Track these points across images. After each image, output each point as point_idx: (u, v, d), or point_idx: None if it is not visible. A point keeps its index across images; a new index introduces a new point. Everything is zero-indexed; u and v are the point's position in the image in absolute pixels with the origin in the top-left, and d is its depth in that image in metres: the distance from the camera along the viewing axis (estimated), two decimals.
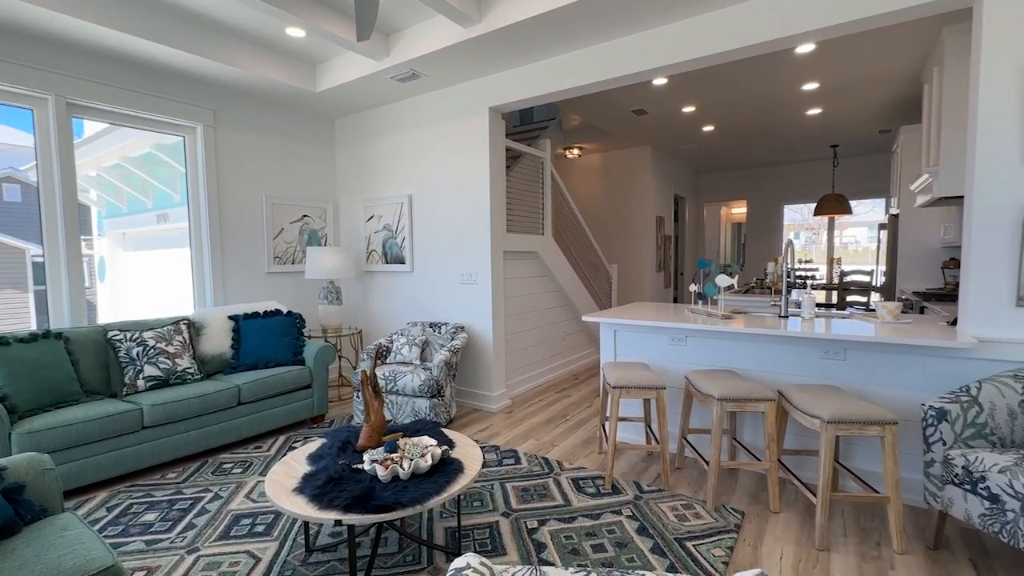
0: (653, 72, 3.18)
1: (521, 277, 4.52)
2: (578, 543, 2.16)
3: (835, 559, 2.06)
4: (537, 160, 4.88)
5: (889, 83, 4.51)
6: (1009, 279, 2.24)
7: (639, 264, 7.15)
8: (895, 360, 2.49)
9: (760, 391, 2.42)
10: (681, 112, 5.33)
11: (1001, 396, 2.08)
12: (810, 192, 8.16)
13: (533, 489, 2.65)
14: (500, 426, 3.67)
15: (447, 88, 4.08)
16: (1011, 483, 1.77)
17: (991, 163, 2.26)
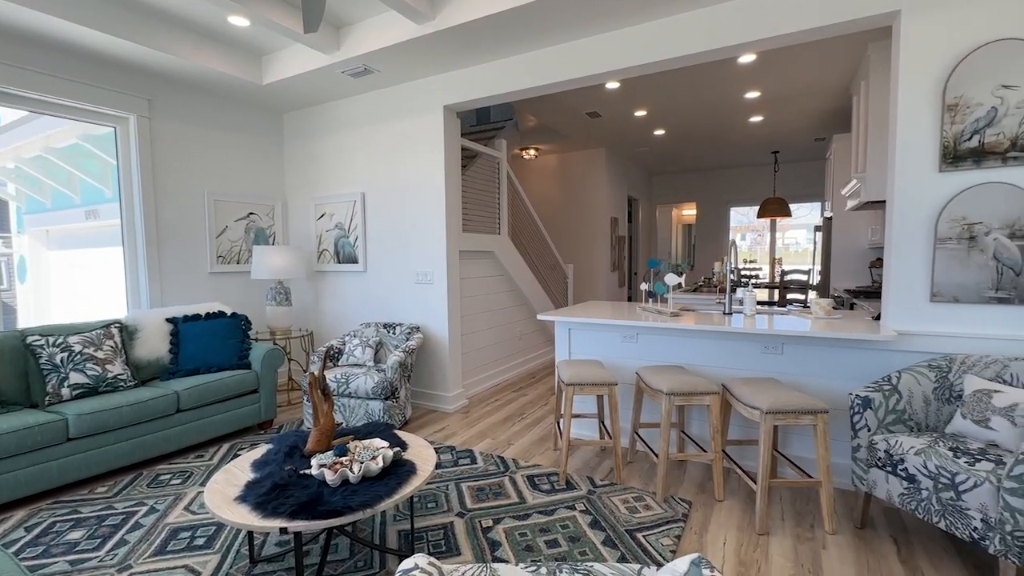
0: (605, 76, 3.25)
1: (477, 277, 4.51)
2: (532, 539, 2.18)
3: (773, 542, 2.17)
4: (493, 160, 4.89)
5: (823, 94, 4.81)
6: (924, 277, 2.44)
7: (594, 264, 7.29)
8: (827, 353, 2.66)
9: (705, 385, 2.52)
10: (633, 116, 5.48)
11: (918, 384, 2.26)
12: (754, 195, 8.57)
13: (488, 488, 2.65)
14: (456, 426, 3.65)
15: (401, 85, 4.02)
16: (925, 464, 1.93)
17: (908, 170, 2.45)
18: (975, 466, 1.81)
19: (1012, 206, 2.25)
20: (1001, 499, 1.70)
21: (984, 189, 2.29)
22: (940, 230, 2.38)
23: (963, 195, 2.33)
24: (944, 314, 2.41)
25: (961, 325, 2.38)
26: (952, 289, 2.38)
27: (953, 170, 2.35)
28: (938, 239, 2.39)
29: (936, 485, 1.89)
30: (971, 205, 2.32)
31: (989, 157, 2.28)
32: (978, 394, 2.07)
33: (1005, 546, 1.70)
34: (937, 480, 1.88)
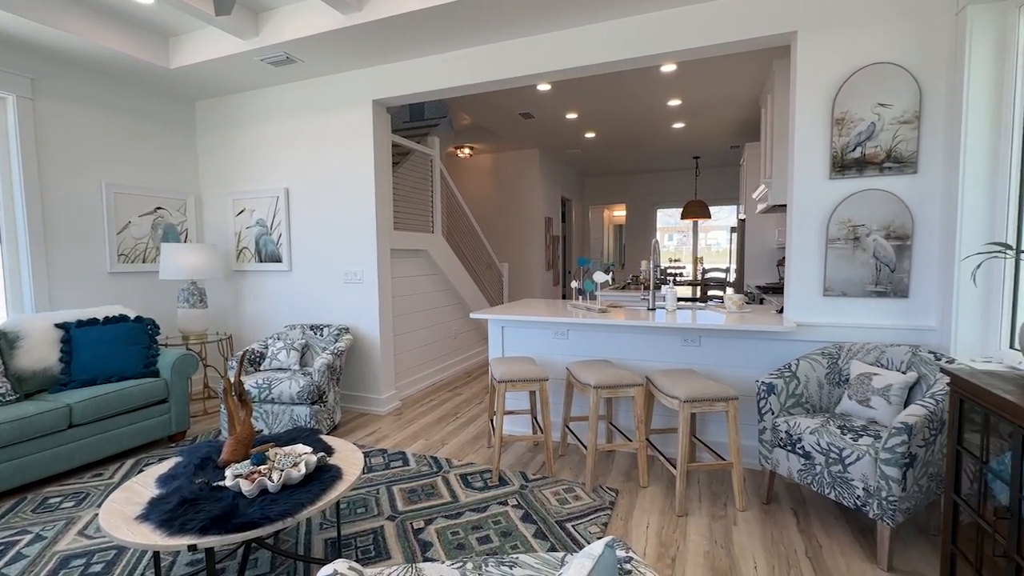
0: (536, 77, 3.31)
1: (410, 276, 4.43)
2: (464, 537, 2.18)
3: (691, 522, 2.32)
4: (426, 157, 4.83)
5: (737, 105, 5.18)
6: (818, 274, 2.71)
7: (529, 262, 7.40)
8: (739, 344, 2.87)
9: (630, 377, 2.64)
10: (565, 118, 5.61)
11: (813, 370, 2.50)
12: (678, 198, 9.08)
13: (421, 489, 2.62)
14: (389, 428, 3.57)
15: (328, 77, 3.86)
16: (818, 441, 2.14)
17: (804, 177, 2.71)
18: (858, 441, 2.04)
19: (887, 210, 2.54)
20: (878, 469, 1.92)
21: (865, 195, 2.57)
22: (831, 231, 2.65)
23: (849, 200, 2.60)
24: (835, 306, 2.68)
25: (848, 316, 2.66)
26: (841, 284, 2.65)
27: (841, 177, 2.62)
28: (829, 239, 2.66)
29: (827, 460, 2.10)
30: (855, 209, 2.60)
31: (869, 167, 2.56)
32: (861, 377, 2.33)
33: (881, 510, 1.92)
34: (828, 455, 2.09)
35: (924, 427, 1.90)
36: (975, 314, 2.29)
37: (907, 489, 1.91)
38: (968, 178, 2.27)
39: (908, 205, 2.51)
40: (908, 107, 2.48)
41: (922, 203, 2.50)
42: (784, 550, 2.09)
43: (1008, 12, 2.16)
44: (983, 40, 2.22)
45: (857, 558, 2.03)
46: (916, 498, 1.96)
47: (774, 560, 2.02)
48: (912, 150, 2.49)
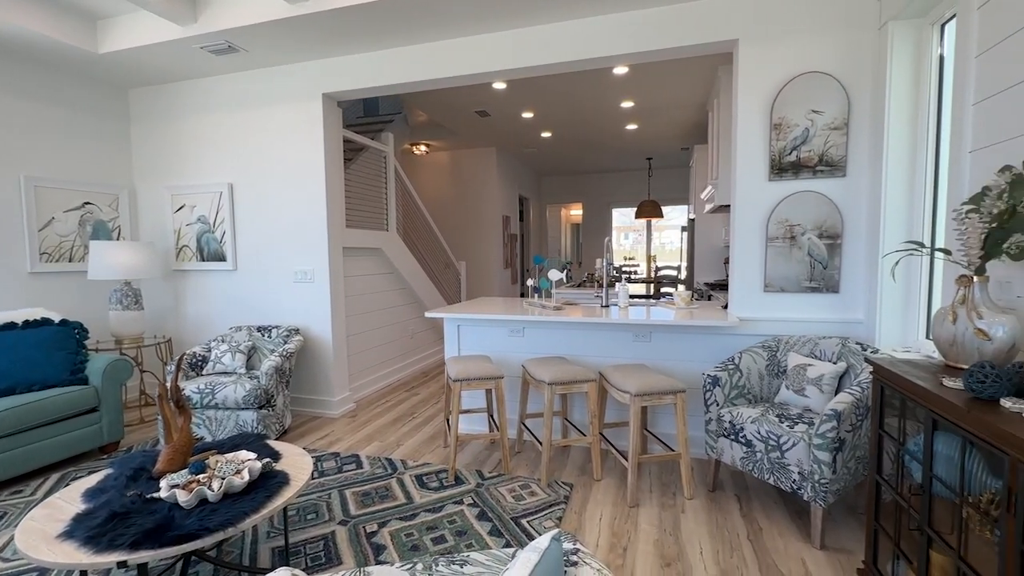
0: (490, 75, 3.30)
1: (364, 274, 4.33)
2: (419, 539, 2.16)
3: (642, 512, 2.39)
4: (380, 154, 4.73)
5: (687, 108, 5.37)
6: (759, 271, 2.84)
7: (487, 261, 7.40)
8: (687, 339, 2.98)
9: (584, 373, 2.68)
10: (521, 117, 5.64)
11: (754, 362, 2.62)
12: (632, 198, 9.31)
13: (375, 492, 2.57)
14: (342, 431, 3.48)
15: (275, 68, 3.72)
16: (758, 430, 2.25)
17: (746, 179, 2.84)
18: (794, 428, 2.16)
19: (820, 211, 2.70)
20: (811, 454, 2.04)
21: (801, 196, 2.72)
22: (770, 231, 2.79)
23: (786, 201, 2.75)
24: (774, 302, 2.83)
25: (786, 311, 2.81)
26: (779, 280, 2.80)
27: (779, 179, 2.76)
28: (768, 238, 2.80)
29: (767, 447, 2.21)
30: (792, 210, 2.75)
31: (804, 170, 2.72)
32: (797, 368, 2.47)
33: (814, 492, 2.05)
34: (767, 443, 2.21)
35: (851, 413, 2.03)
36: (896, 307, 2.47)
37: (837, 472, 2.04)
38: (890, 181, 2.45)
39: (838, 206, 2.68)
40: (838, 114, 2.64)
41: (850, 204, 2.67)
42: (728, 534, 2.19)
43: (923, 28, 2.35)
44: (902, 54, 2.40)
45: (793, 538, 2.15)
46: (845, 480, 2.09)
47: (718, 544, 2.12)
48: (842, 155, 2.66)
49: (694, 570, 1.95)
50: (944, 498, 1.36)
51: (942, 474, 1.35)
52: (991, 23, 1.69)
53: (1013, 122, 1.59)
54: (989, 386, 1.24)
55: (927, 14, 2.30)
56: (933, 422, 1.37)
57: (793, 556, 2.03)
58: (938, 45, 2.29)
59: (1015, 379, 1.27)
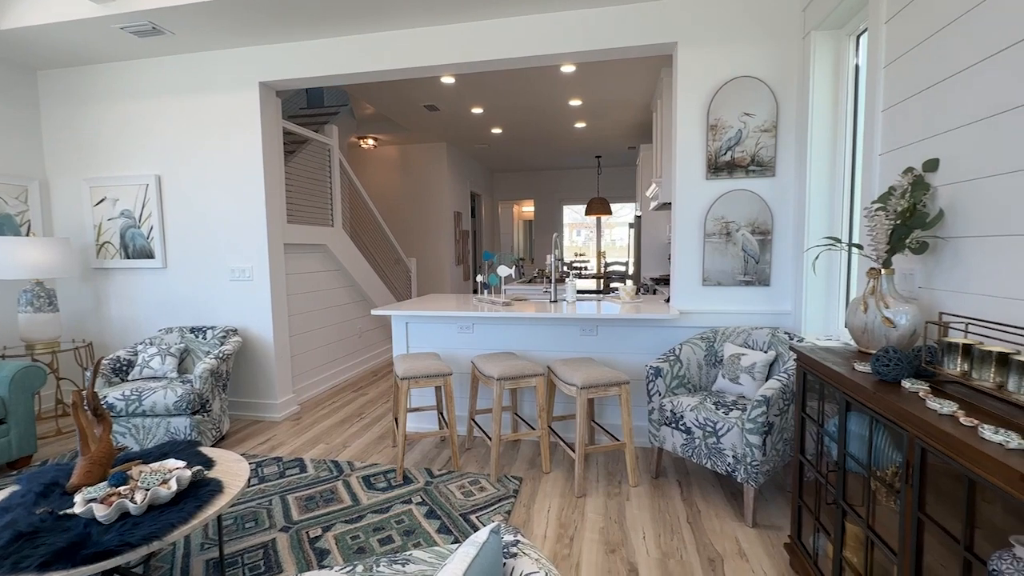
0: (436, 69, 3.26)
1: (308, 272, 4.18)
2: (365, 541, 2.11)
3: (589, 502, 2.44)
4: (324, 147, 4.57)
5: (632, 108, 5.52)
6: (697, 265, 2.97)
7: (439, 258, 7.32)
8: (631, 332, 3.07)
9: (532, 368, 2.71)
10: (471, 112, 5.61)
11: (694, 353, 2.74)
12: (583, 195, 9.48)
13: (319, 496, 2.49)
14: (285, 435, 3.35)
15: (207, 53, 3.50)
16: (697, 417, 2.36)
17: (685, 177, 2.95)
18: (729, 415, 2.27)
19: (752, 208, 2.86)
20: (744, 438, 2.16)
21: (735, 194, 2.87)
22: (707, 227, 2.92)
23: (722, 199, 2.89)
24: (711, 295, 2.97)
25: (723, 303, 2.96)
26: (716, 275, 2.94)
27: (715, 178, 2.89)
28: (706, 234, 2.93)
29: (704, 433, 2.32)
30: (727, 207, 2.89)
31: (738, 169, 2.86)
32: (732, 357, 2.61)
33: (747, 474, 2.17)
34: (705, 429, 2.32)
35: (779, 399, 2.17)
36: (819, 299, 2.65)
37: (767, 454, 2.17)
38: (813, 181, 2.62)
39: (769, 204, 2.84)
40: (767, 117, 2.80)
41: (779, 202, 2.84)
42: (669, 519, 2.28)
43: (841, 39, 2.52)
44: (823, 62, 2.57)
45: (728, 518, 2.27)
46: (775, 461, 2.23)
47: (660, 529, 2.20)
48: (771, 155, 2.82)
49: (637, 554, 2.02)
50: (857, 473, 1.48)
51: (855, 451, 1.47)
52: (897, 36, 1.84)
53: (915, 127, 1.74)
54: (892, 369, 1.36)
55: (844, 26, 2.48)
56: (846, 404, 1.48)
57: (728, 535, 2.15)
58: (854, 55, 2.47)
59: (915, 362, 1.39)
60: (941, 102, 1.60)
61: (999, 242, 1.37)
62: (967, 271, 1.49)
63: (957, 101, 1.53)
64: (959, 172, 1.52)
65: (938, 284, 1.63)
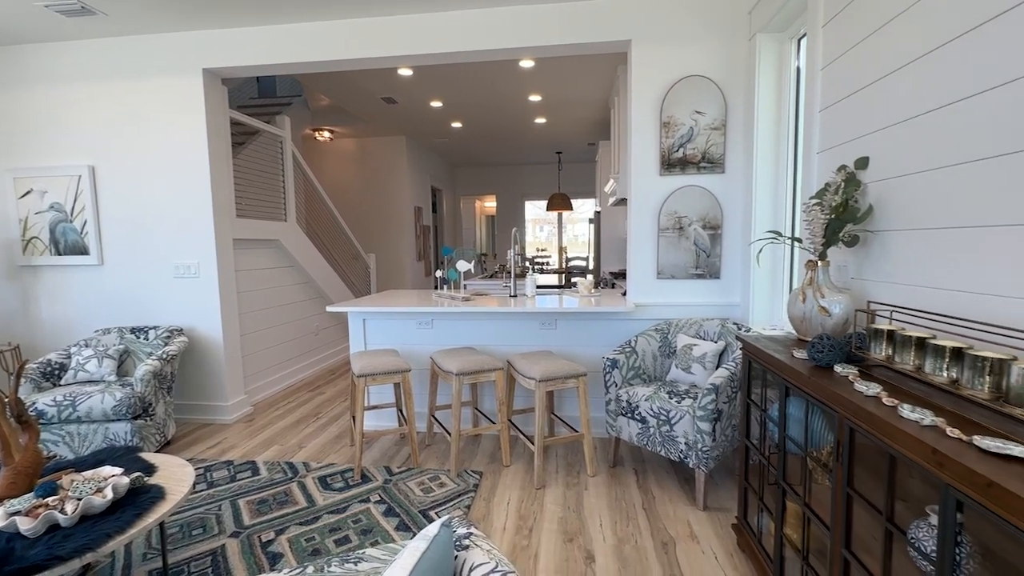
0: (392, 60, 3.19)
1: (260, 268, 4.03)
2: (320, 542, 2.07)
3: (548, 493, 2.48)
4: (276, 139, 4.40)
5: (591, 105, 5.58)
6: (652, 259, 3.05)
7: (399, 253, 7.21)
8: (589, 325, 3.13)
9: (491, 362, 2.72)
10: (430, 106, 5.53)
11: (648, 345, 2.82)
12: (544, 190, 9.54)
13: (272, 498, 2.42)
14: (237, 438, 3.22)
15: (145, 36, 3.30)
16: (651, 406, 2.42)
17: (640, 173, 3.02)
18: (681, 403, 2.35)
19: (704, 204, 2.95)
20: (695, 425, 2.24)
21: (687, 190, 2.95)
22: (661, 222, 3.00)
23: (675, 194, 2.97)
24: (665, 288, 3.05)
25: (676, 296, 3.05)
26: (670, 268, 3.03)
27: (668, 174, 2.97)
28: (660, 229, 3.01)
29: (658, 422, 2.39)
30: (680, 202, 2.97)
31: (689, 166, 2.95)
32: (684, 348, 2.69)
33: (698, 460, 2.25)
34: (659, 418, 2.39)
35: (727, 386, 2.26)
36: (765, 291, 2.78)
37: (717, 439, 2.26)
38: (759, 178, 2.74)
39: (719, 200, 2.95)
40: (717, 115, 2.90)
41: (729, 198, 2.95)
42: (625, 506, 2.34)
43: (784, 42, 2.63)
44: (768, 64, 2.68)
45: (681, 503, 2.36)
46: (724, 446, 2.33)
47: (616, 516, 2.26)
48: (721, 153, 2.92)
49: (594, 542, 2.07)
50: (796, 455, 1.56)
51: (794, 434, 1.55)
52: (833, 40, 1.94)
53: (849, 127, 1.84)
54: (826, 355, 1.44)
55: (787, 29, 2.59)
56: (786, 389, 1.56)
57: (680, 519, 2.23)
58: (796, 57, 2.59)
59: (847, 348, 1.48)
60: (870, 104, 1.70)
61: (919, 235, 1.47)
62: (893, 262, 1.60)
63: (883, 103, 1.63)
64: (886, 169, 1.62)
65: (868, 275, 1.73)
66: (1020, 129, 1.15)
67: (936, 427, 0.98)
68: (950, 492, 0.88)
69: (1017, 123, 1.16)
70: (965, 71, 1.30)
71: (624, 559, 1.95)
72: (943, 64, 1.37)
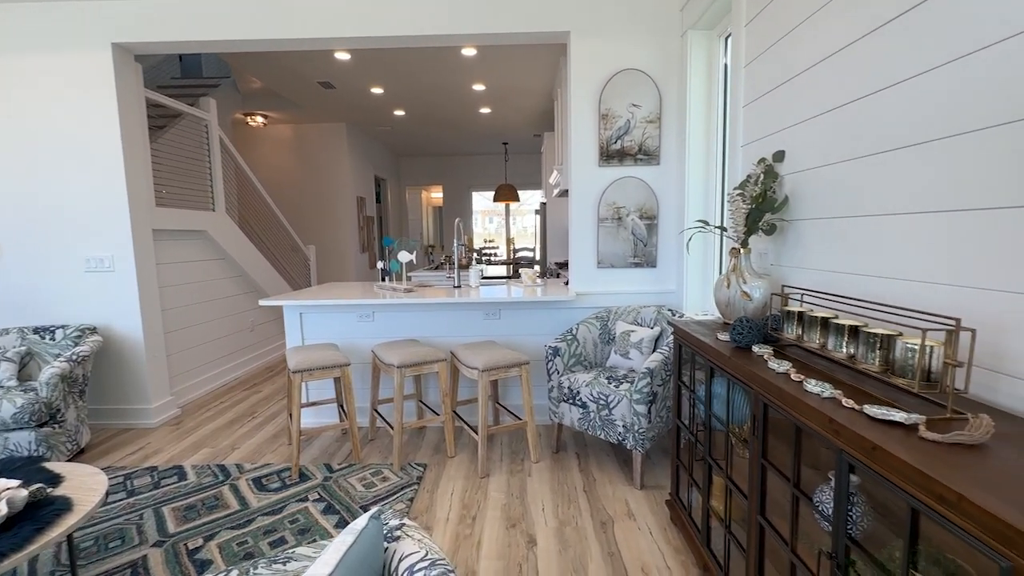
0: (325, 42, 3.05)
1: (186, 261, 3.77)
2: (254, 545, 1.98)
3: (492, 481, 2.50)
4: (201, 122, 4.12)
5: (536, 95, 5.61)
6: (592, 249, 3.12)
7: (342, 245, 6.97)
8: (533, 314, 3.16)
9: (434, 354, 2.69)
10: (370, 92, 5.36)
11: (589, 332, 2.89)
12: (491, 181, 9.51)
13: (201, 504, 2.29)
14: (162, 442, 3.02)
15: (41, 4, 2.97)
16: (591, 392, 2.49)
17: (581, 164, 3.07)
18: (619, 388, 2.43)
19: (640, 194, 3.05)
20: (632, 408, 2.33)
21: (625, 181, 3.04)
22: (600, 212, 3.07)
23: (613, 185, 3.04)
24: (606, 276, 3.13)
25: (616, 284, 3.14)
26: (610, 257, 3.11)
27: (607, 165, 3.04)
28: (600, 219, 3.08)
29: (598, 407, 2.46)
30: (618, 193, 3.05)
31: (627, 157, 3.03)
32: (623, 334, 2.78)
33: (635, 441, 2.34)
34: (598, 402, 2.46)
35: (662, 370, 2.36)
36: (697, 278, 2.91)
37: (652, 421, 2.35)
38: (691, 170, 2.85)
39: (654, 191, 3.05)
40: (652, 109, 2.99)
41: (664, 189, 3.06)
42: (567, 489, 2.40)
43: (713, 39, 2.75)
44: (698, 60, 2.79)
45: (620, 483, 2.45)
46: (659, 427, 2.43)
47: (559, 500, 2.31)
48: (656, 145, 3.02)
49: (536, 526, 2.11)
50: (721, 431, 1.65)
51: (719, 412, 1.64)
52: (755, 39, 2.04)
53: (768, 122, 1.95)
54: (745, 336, 1.53)
55: (715, 27, 2.70)
56: (710, 369, 1.65)
57: (619, 499, 2.31)
58: (724, 55, 2.71)
59: (764, 329, 1.58)
60: (787, 100, 1.81)
61: (825, 224, 1.59)
62: (805, 249, 1.71)
63: (797, 100, 1.74)
64: (800, 162, 1.74)
65: (784, 261, 1.85)
66: (905, 126, 1.26)
67: (834, 399, 1.07)
68: (843, 457, 0.96)
69: (903, 120, 1.27)
70: (864, 71, 1.41)
71: (564, 540, 2.01)
72: (844, 64, 1.48)
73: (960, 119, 1.11)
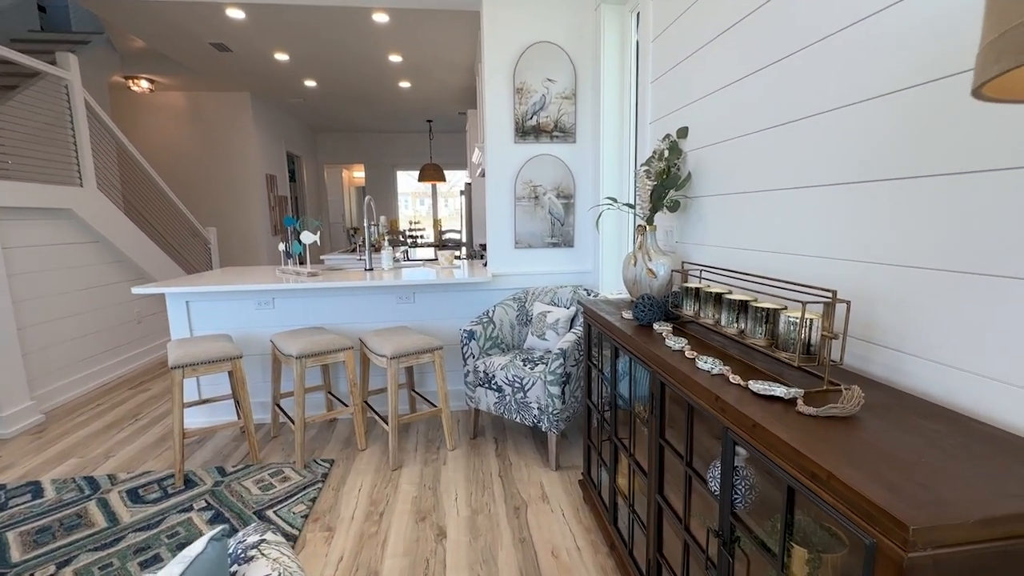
0: None
1: (45, 244, 3.25)
2: (121, 567, 1.73)
3: (405, 473, 2.38)
4: (61, 82, 3.53)
5: (458, 70, 5.38)
6: (510, 229, 3.03)
7: (250, 227, 6.41)
8: (449, 297, 3.04)
9: (339, 342, 2.50)
10: (275, 59, 4.88)
11: (506, 314, 2.81)
12: (416, 161, 9.16)
13: (59, 524, 1.98)
14: (17, 455, 2.60)
15: None
16: (507, 375, 2.42)
17: (496, 141, 2.95)
18: (534, 370, 2.38)
19: (557, 173, 2.99)
20: (546, 389, 2.29)
21: (541, 159, 2.96)
22: (517, 191, 2.98)
23: (530, 163, 2.96)
24: (523, 257, 3.06)
25: (533, 264, 3.08)
26: (527, 237, 3.04)
27: (523, 142, 2.95)
28: (516, 198, 2.99)
29: (513, 390, 2.40)
30: (535, 171, 2.97)
31: (543, 134, 2.95)
32: (539, 315, 2.74)
33: (550, 423, 2.31)
34: (513, 385, 2.40)
35: (575, 350, 2.33)
36: (613, 257, 2.92)
37: (566, 402, 2.33)
38: (606, 147, 2.83)
39: (571, 169, 3.00)
40: (568, 84, 2.92)
41: (580, 167, 3.02)
42: (482, 476, 2.34)
43: (624, 14, 2.71)
44: (612, 35, 2.74)
45: (536, 465, 2.42)
46: (573, 408, 2.42)
47: (473, 487, 2.24)
48: (572, 122, 2.96)
49: (447, 517, 2.02)
50: (625, 410, 1.64)
51: (624, 391, 1.62)
52: (661, 14, 2.01)
53: (673, 98, 1.93)
54: (647, 313, 1.51)
55: (627, 2, 2.66)
56: (615, 348, 1.62)
57: (534, 481, 2.28)
58: (634, 30, 2.68)
59: (665, 306, 1.56)
60: (690, 76, 1.79)
61: (721, 200, 1.59)
62: (705, 226, 1.72)
63: (696, 76, 1.72)
64: (701, 139, 1.73)
65: (687, 238, 1.86)
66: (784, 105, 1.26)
67: (722, 375, 1.05)
68: (728, 434, 0.94)
69: (782, 99, 1.26)
70: (753, 47, 1.39)
71: (476, 529, 1.94)
72: (736, 40, 1.46)
73: (831, 96, 1.11)
